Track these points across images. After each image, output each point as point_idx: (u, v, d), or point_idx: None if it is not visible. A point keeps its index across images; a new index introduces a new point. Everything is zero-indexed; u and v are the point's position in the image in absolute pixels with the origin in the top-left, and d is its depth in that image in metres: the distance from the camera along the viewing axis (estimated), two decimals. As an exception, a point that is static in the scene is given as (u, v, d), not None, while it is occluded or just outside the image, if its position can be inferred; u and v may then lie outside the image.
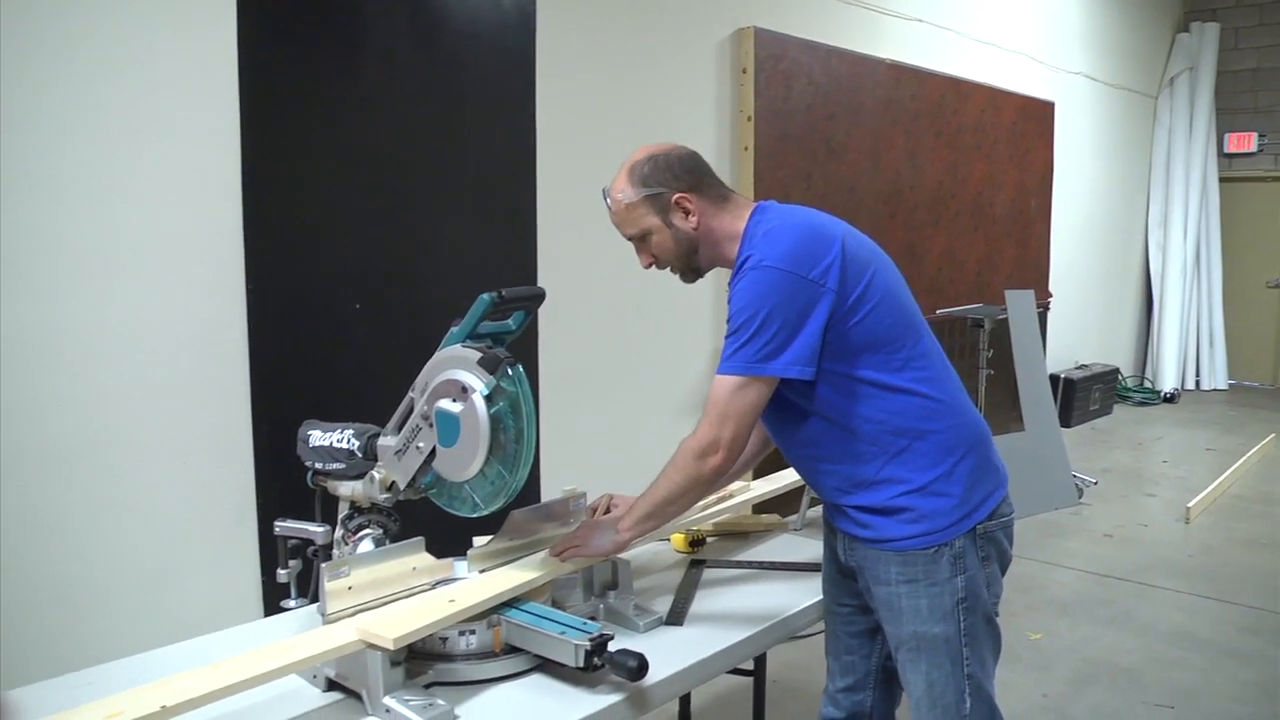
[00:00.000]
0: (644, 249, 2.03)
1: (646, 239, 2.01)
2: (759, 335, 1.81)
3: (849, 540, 2.01)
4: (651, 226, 1.98)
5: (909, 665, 1.96)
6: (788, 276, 1.82)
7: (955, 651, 1.93)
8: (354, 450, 1.97)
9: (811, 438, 1.95)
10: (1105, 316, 9.53)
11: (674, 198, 1.96)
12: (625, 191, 1.98)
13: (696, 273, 2.07)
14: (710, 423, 1.86)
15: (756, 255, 1.86)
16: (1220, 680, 3.71)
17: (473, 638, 1.77)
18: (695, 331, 4.87)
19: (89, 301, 2.83)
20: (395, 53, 3.53)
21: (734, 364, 1.84)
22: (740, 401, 1.85)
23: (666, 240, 1.99)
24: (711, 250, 2.01)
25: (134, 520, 2.95)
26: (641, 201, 1.97)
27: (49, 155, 2.74)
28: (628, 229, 2.01)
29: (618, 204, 1.99)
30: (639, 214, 1.98)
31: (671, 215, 1.97)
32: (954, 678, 1.93)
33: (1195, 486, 6.29)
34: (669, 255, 2.02)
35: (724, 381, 1.85)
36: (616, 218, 2.02)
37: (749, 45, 4.87)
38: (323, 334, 3.38)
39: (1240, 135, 10.11)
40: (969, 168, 6.70)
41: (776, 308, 1.82)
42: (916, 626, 1.92)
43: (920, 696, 1.96)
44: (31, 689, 1.75)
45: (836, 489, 1.97)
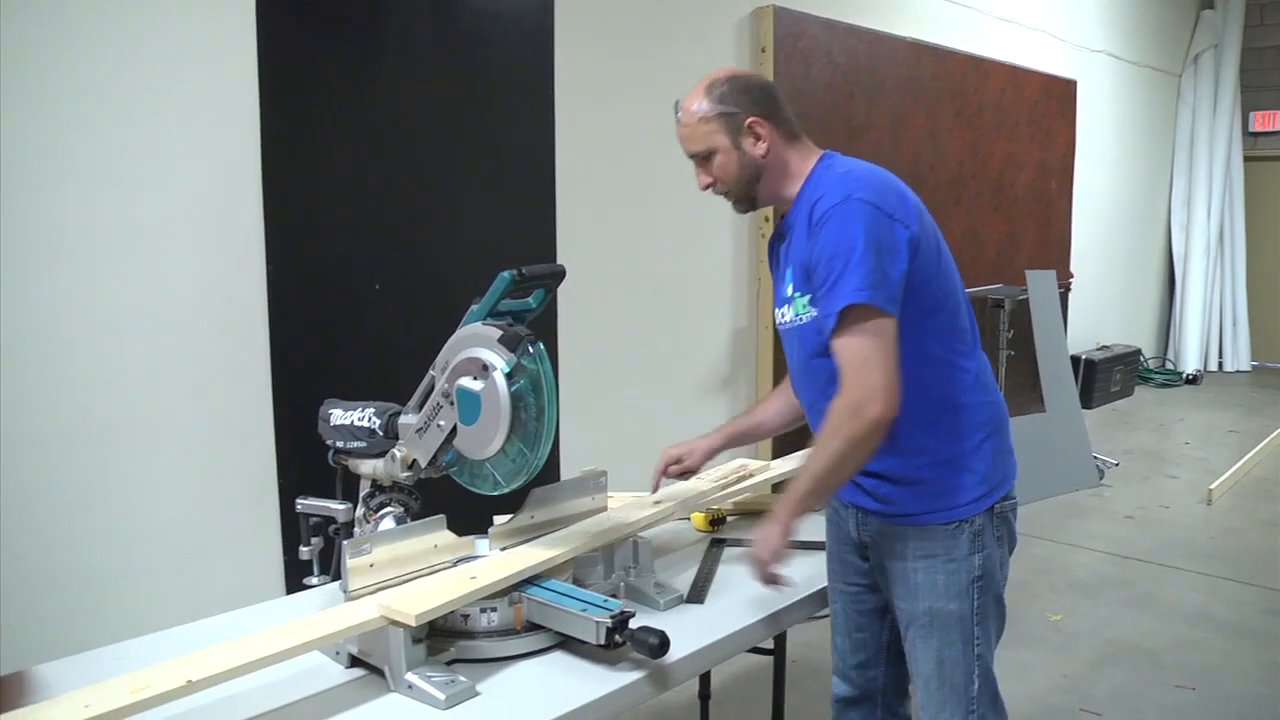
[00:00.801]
0: (705, 169, 1.97)
1: (710, 158, 1.95)
2: (862, 265, 1.74)
3: (863, 515, 2.00)
4: (719, 146, 1.93)
5: (920, 642, 1.94)
6: (880, 212, 1.78)
7: (968, 630, 1.92)
8: (375, 429, 1.97)
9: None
10: (1127, 297, 9.46)
11: (748, 120, 1.92)
12: (700, 105, 1.93)
13: (752, 204, 2.00)
14: (854, 372, 1.76)
15: (842, 191, 1.81)
16: (1241, 661, 3.70)
17: (494, 615, 1.77)
18: (715, 310, 4.86)
19: (111, 282, 2.84)
20: (415, 33, 3.53)
21: (857, 295, 1.73)
22: (873, 339, 1.75)
23: (731, 163, 1.94)
24: (773, 184, 1.97)
25: (158, 498, 2.97)
26: (715, 118, 1.92)
27: (69, 137, 2.75)
28: (694, 145, 1.95)
29: (690, 116, 1.94)
30: (709, 130, 1.93)
31: (742, 138, 1.93)
32: (965, 657, 1.93)
33: (1217, 468, 6.25)
34: (730, 180, 1.95)
35: (848, 326, 1.75)
36: (684, 131, 1.96)
37: (768, 24, 4.84)
38: (343, 313, 3.39)
39: (1265, 113, 10.00)
40: (990, 147, 6.65)
41: (874, 240, 1.76)
42: (932, 603, 1.91)
43: (929, 675, 1.94)
44: (58, 664, 1.77)
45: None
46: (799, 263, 1.90)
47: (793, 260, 1.94)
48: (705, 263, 4.79)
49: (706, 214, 4.75)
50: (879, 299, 1.74)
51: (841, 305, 1.75)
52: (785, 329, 2.01)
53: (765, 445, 4.68)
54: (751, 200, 1.99)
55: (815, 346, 1.89)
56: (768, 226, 4.87)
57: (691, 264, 4.71)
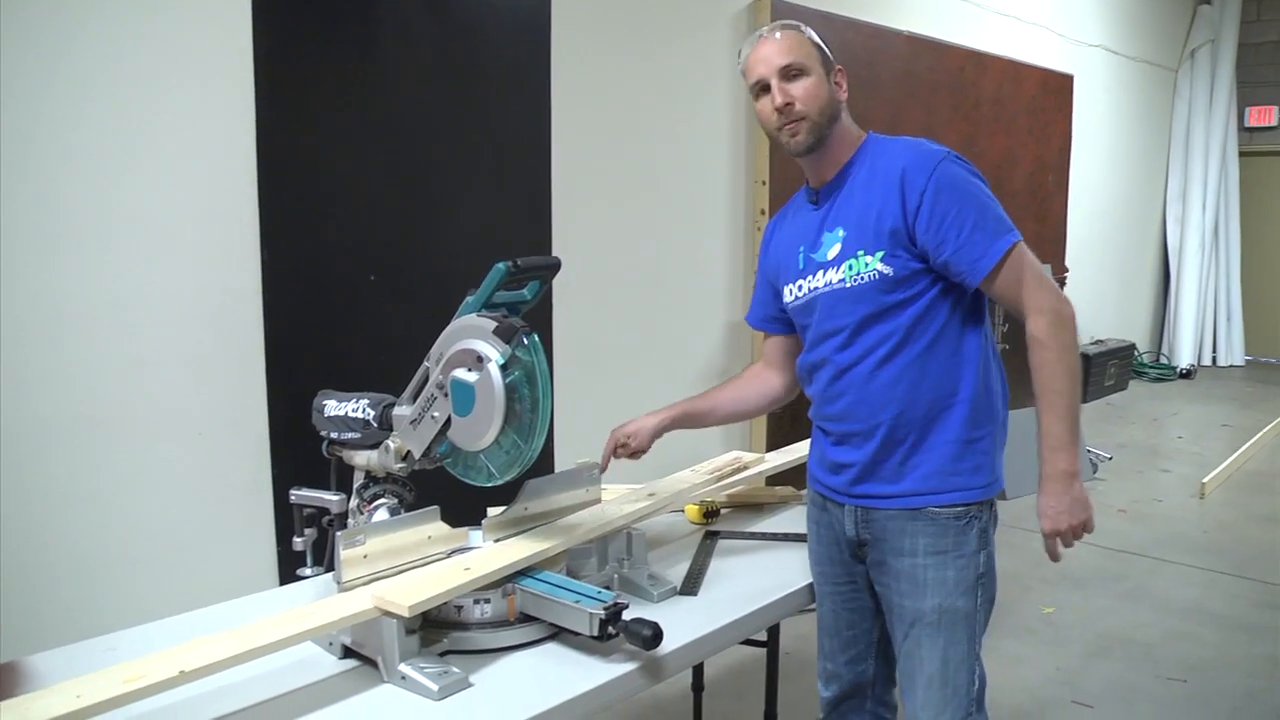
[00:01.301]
0: (789, 86, 1.92)
1: (801, 76, 1.92)
2: (996, 206, 1.90)
3: (864, 513, 1.99)
4: (815, 69, 1.94)
5: (926, 640, 1.93)
6: (971, 167, 1.94)
7: (972, 628, 1.93)
8: (369, 420, 1.97)
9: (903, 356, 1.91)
10: (1122, 291, 9.47)
11: (838, 67, 1.99)
12: (805, 32, 1.96)
13: (819, 141, 1.96)
14: (1035, 292, 1.86)
15: (937, 149, 1.92)
16: (1234, 654, 3.71)
17: (488, 606, 1.78)
18: (710, 303, 4.86)
19: (104, 273, 2.83)
20: (410, 24, 3.52)
21: (1009, 235, 1.87)
22: (1032, 263, 1.89)
23: (821, 90, 1.94)
24: (840, 136, 1.99)
25: (151, 489, 2.96)
26: (815, 48, 1.96)
27: (65, 129, 2.74)
28: (790, 57, 1.92)
29: (792, 34, 1.95)
30: (810, 52, 1.94)
31: (830, 76, 1.97)
32: (968, 656, 1.92)
33: (1210, 462, 6.27)
34: (815, 103, 1.93)
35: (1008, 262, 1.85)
36: (783, 45, 1.93)
37: (765, 16, 4.82)
38: (338, 304, 3.38)
39: (1261, 108, 10.01)
40: (987, 141, 6.65)
41: (986, 187, 1.92)
42: (941, 599, 1.91)
43: (932, 674, 1.92)
44: (51, 654, 1.77)
45: (898, 426, 1.92)
46: (869, 220, 1.90)
47: (847, 221, 1.94)
48: (700, 256, 4.79)
49: (702, 207, 4.76)
50: (1019, 235, 1.88)
51: (1009, 245, 1.85)
52: (818, 294, 1.98)
53: (760, 438, 4.68)
54: (821, 138, 1.96)
55: (879, 305, 1.90)
56: (763, 219, 4.87)
57: (687, 257, 4.70)
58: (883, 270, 1.88)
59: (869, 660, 2.16)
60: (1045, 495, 1.87)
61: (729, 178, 4.87)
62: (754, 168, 4.92)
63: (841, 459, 2.01)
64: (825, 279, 1.96)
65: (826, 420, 2.04)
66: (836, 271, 1.94)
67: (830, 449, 2.04)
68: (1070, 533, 1.87)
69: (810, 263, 2.00)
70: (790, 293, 2.06)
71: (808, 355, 2.06)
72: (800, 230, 2.05)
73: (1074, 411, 1.86)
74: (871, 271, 1.89)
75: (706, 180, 4.78)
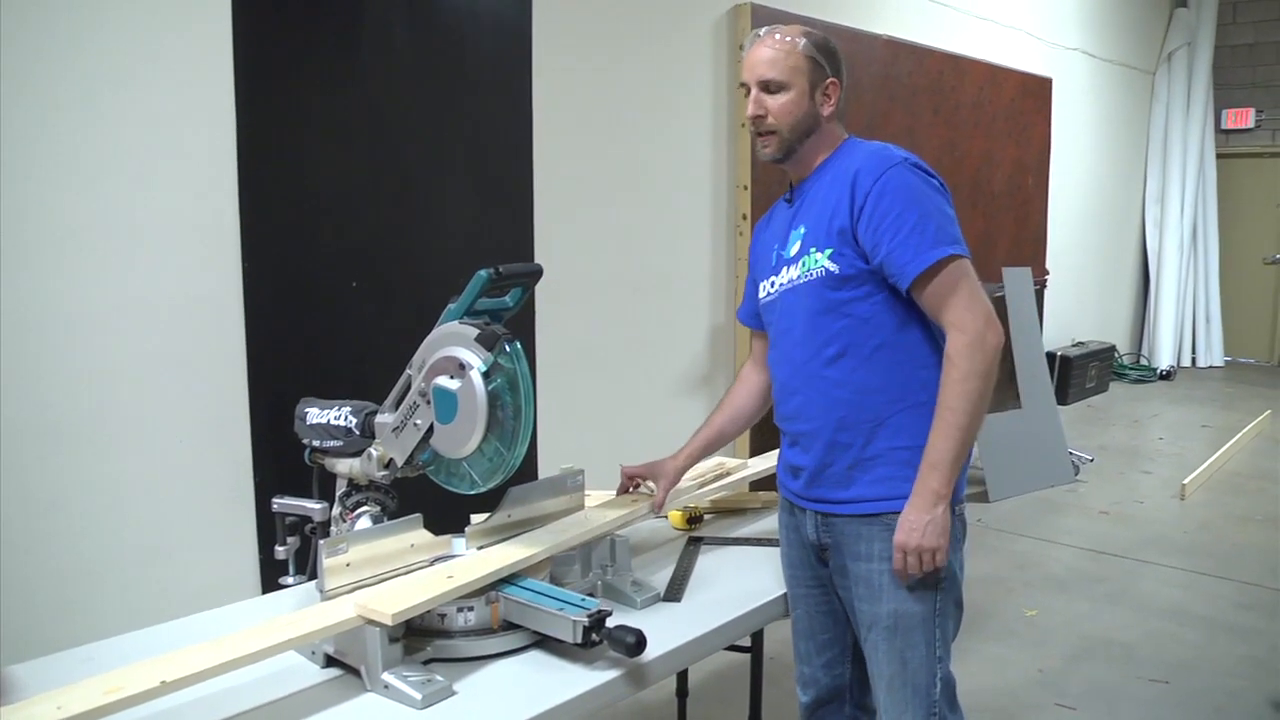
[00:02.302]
0: (764, 100, 1.96)
1: (780, 91, 1.95)
2: (947, 219, 1.88)
3: (823, 518, 2.00)
4: (795, 85, 1.95)
5: (883, 644, 1.94)
6: (936, 180, 1.92)
7: (930, 632, 1.93)
8: (351, 427, 1.97)
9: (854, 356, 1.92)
10: (1102, 294, 9.52)
11: (829, 81, 1.98)
12: (797, 42, 1.95)
13: (789, 154, 2.00)
14: (962, 311, 1.84)
15: (895, 155, 1.91)
16: (1215, 655, 3.73)
17: (471, 614, 1.77)
18: (693, 308, 4.86)
19: (85, 279, 2.82)
20: (392, 29, 3.51)
21: (948, 247, 1.85)
22: (969, 280, 1.87)
23: (799, 108, 1.95)
24: (815, 146, 2.00)
25: (131, 497, 2.94)
26: (806, 60, 1.95)
27: (43, 135, 2.72)
28: (771, 72, 1.94)
29: (782, 43, 1.95)
30: (794, 66, 1.95)
31: (816, 91, 1.97)
32: (927, 660, 1.93)
33: (1191, 463, 6.30)
34: (788, 120, 1.96)
35: (942, 273, 1.84)
36: (768, 54, 1.95)
37: (746, 22, 4.84)
38: (320, 311, 3.37)
39: (1238, 111, 10.08)
40: (967, 144, 6.68)
41: (943, 199, 1.91)
42: (897, 604, 1.92)
43: (892, 676, 1.93)
44: (30, 664, 1.76)
45: (843, 428, 1.93)
46: (822, 219, 1.93)
47: (808, 220, 1.97)
48: (683, 260, 4.79)
49: (684, 212, 4.76)
50: (965, 251, 1.87)
51: (941, 255, 1.83)
52: (781, 292, 2.01)
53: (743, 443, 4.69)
54: (791, 151, 2.00)
55: (825, 302, 1.92)
56: (745, 224, 4.88)
57: (669, 262, 4.71)
58: (829, 267, 1.91)
59: (845, 664, 2.16)
60: (909, 509, 1.85)
61: (711, 182, 4.88)
62: (736, 172, 4.93)
63: (795, 461, 2.03)
64: (788, 276, 2.00)
65: (783, 419, 2.07)
66: (795, 268, 1.98)
67: (787, 450, 2.08)
68: (918, 553, 1.84)
69: (780, 259, 2.04)
70: (764, 289, 2.09)
71: (771, 352, 2.10)
72: (777, 229, 2.08)
73: (963, 435, 1.83)
74: (820, 268, 1.92)
75: (688, 185, 4.79)
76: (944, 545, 1.85)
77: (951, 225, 1.89)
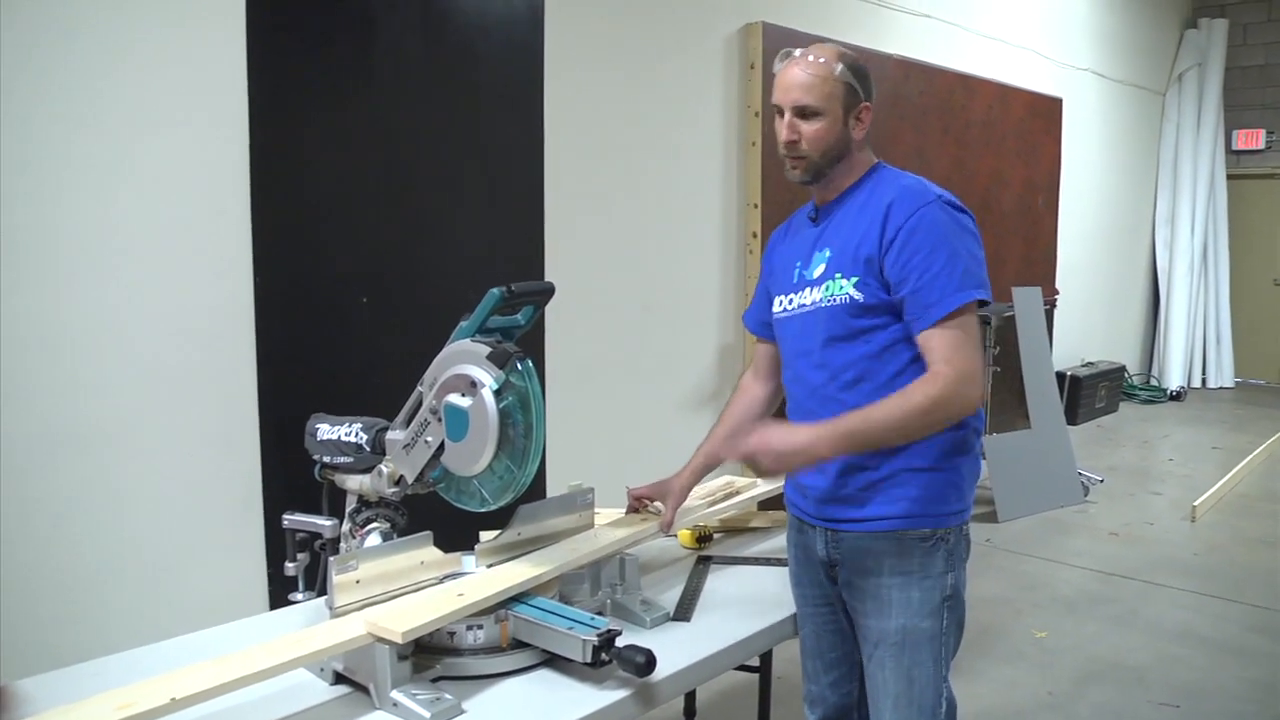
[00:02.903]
0: (798, 124, 1.95)
1: (814, 117, 1.94)
2: (975, 263, 1.88)
3: (833, 535, 2.00)
4: (830, 112, 1.94)
5: (890, 660, 1.94)
6: (970, 220, 1.93)
7: (937, 649, 1.94)
8: (362, 444, 1.97)
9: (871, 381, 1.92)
10: (1111, 314, 9.50)
11: (863, 105, 1.97)
12: (834, 66, 1.94)
13: (818, 177, 2.00)
14: (962, 355, 1.83)
15: (930, 191, 1.91)
16: (1225, 679, 3.71)
17: (480, 632, 1.77)
18: (703, 326, 4.87)
19: (96, 292, 2.83)
20: (404, 45, 3.53)
21: (969, 291, 1.84)
22: (972, 333, 1.87)
23: (831, 132, 1.95)
24: (845, 170, 2.00)
25: (140, 512, 2.95)
26: (842, 86, 1.94)
27: (58, 145, 2.74)
28: (807, 98, 1.93)
29: (820, 67, 1.93)
30: (830, 92, 1.93)
31: (850, 116, 1.96)
32: (934, 677, 1.94)
33: (1201, 485, 6.28)
34: (820, 145, 1.95)
35: (955, 317, 1.84)
36: (805, 79, 1.93)
37: (757, 40, 4.86)
38: (330, 327, 3.38)
39: (1248, 132, 10.07)
40: (976, 164, 6.69)
41: (975, 242, 1.91)
42: (905, 620, 1.92)
43: (899, 694, 1.93)
44: (39, 679, 1.76)
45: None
46: (849, 246, 1.93)
47: (834, 244, 1.97)
48: (693, 278, 4.80)
49: (695, 230, 4.77)
50: (987, 294, 1.88)
51: (965, 301, 1.84)
52: (801, 312, 2.01)
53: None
54: (820, 174, 1.99)
55: (847, 329, 1.92)
56: (755, 243, 4.88)
57: (679, 279, 4.71)
58: (854, 295, 1.91)
59: (853, 682, 2.16)
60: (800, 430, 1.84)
61: (721, 200, 4.89)
62: (746, 190, 4.94)
63: (808, 481, 2.03)
64: (810, 297, 1.99)
65: None
66: (817, 291, 1.98)
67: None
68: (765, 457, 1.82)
69: (802, 279, 2.03)
70: (780, 304, 2.09)
71: (785, 371, 2.10)
72: (800, 245, 2.08)
73: (878, 441, 1.85)
74: (844, 295, 1.92)
75: (699, 202, 4.80)
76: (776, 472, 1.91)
77: (979, 268, 1.89)
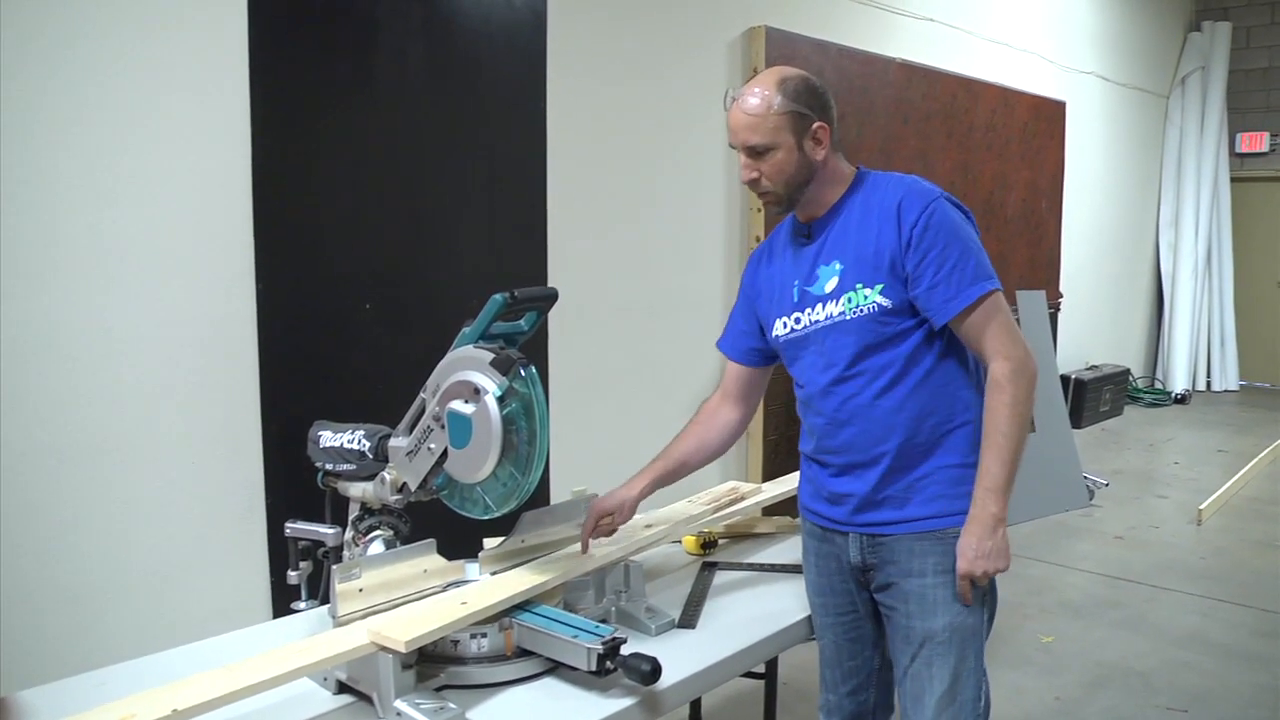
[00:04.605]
0: (756, 163, 1.94)
1: (767, 154, 1.92)
2: (983, 254, 1.91)
3: (869, 539, 2.00)
4: (782, 143, 1.92)
5: (937, 659, 1.94)
6: (963, 210, 1.96)
7: (979, 644, 1.96)
8: (365, 451, 1.96)
9: (905, 383, 1.94)
10: (1116, 317, 9.49)
11: (816, 125, 1.94)
12: (772, 100, 1.91)
13: (792, 205, 2.00)
14: (1003, 342, 1.89)
15: (931, 189, 1.93)
16: (1233, 683, 3.69)
17: (484, 641, 1.76)
18: (707, 331, 4.85)
19: (98, 300, 2.82)
20: (406, 51, 3.53)
21: (986, 282, 1.88)
22: (1007, 315, 1.92)
23: (790, 163, 1.93)
24: (820, 189, 1.98)
25: (142, 521, 2.94)
26: (785, 115, 1.91)
27: (59, 154, 2.73)
28: (754, 137, 1.91)
29: (757, 109, 1.91)
30: (776, 125, 1.91)
31: (805, 140, 1.94)
32: (975, 671, 1.96)
33: (1207, 488, 6.26)
34: (782, 178, 1.94)
35: (983, 307, 1.88)
36: (748, 121, 1.91)
37: (759, 45, 4.85)
38: (333, 334, 3.37)
39: (1252, 135, 10.05)
40: (980, 167, 6.67)
41: (974, 232, 1.94)
42: (951, 617, 1.93)
43: (943, 693, 1.93)
44: (42, 690, 1.75)
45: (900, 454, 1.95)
46: (867, 253, 1.93)
47: (845, 255, 1.96)
48: (696, 284, 4.78)
49: (697, 235, 4.76)
50: (999, 285, 1.91)
51: (981, 292, 1.87)
52: (817, 328, 1.99)
53: (756, 467, 4.67)
54: (793, 202, 1.99)
55: (878, 336, 1.93)
56: (759, 246, 4.87)
57: (682, 285, 4.70)
58: (882, 302, 1.91)
59: (870, 690, 2.17)
60: (969, 535, 1.89)
61: (725, 205, 4.88)
62: (749, 195, 4.93)
63: (842, 489, 2.01)
64: (825, 312, 1.97)
65: (827, 453, 2.03)
66: (835, 304, 1.96)
67: (830, 480, 2.04)
68: (984, 578, 1.91)
69: (806, 296, 2.01)
70: (784, 325, 2.06)
71: (806, 389, 2.06)
72: (793, 265, 2.06)
73: (1016, 457, 1.89)
74: (871, 304, 1.92)
75: (702, 207, 4.79)
76: (1006, 565, 1.91)
77: (984, 259, 1.92)
